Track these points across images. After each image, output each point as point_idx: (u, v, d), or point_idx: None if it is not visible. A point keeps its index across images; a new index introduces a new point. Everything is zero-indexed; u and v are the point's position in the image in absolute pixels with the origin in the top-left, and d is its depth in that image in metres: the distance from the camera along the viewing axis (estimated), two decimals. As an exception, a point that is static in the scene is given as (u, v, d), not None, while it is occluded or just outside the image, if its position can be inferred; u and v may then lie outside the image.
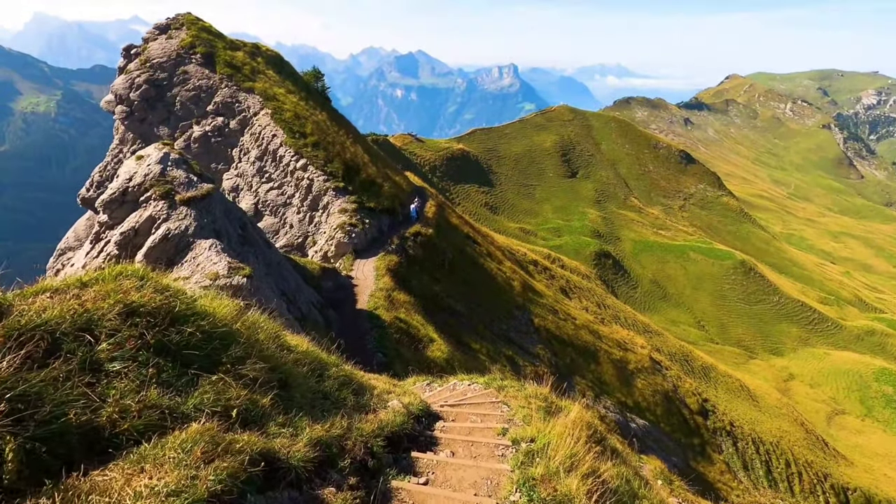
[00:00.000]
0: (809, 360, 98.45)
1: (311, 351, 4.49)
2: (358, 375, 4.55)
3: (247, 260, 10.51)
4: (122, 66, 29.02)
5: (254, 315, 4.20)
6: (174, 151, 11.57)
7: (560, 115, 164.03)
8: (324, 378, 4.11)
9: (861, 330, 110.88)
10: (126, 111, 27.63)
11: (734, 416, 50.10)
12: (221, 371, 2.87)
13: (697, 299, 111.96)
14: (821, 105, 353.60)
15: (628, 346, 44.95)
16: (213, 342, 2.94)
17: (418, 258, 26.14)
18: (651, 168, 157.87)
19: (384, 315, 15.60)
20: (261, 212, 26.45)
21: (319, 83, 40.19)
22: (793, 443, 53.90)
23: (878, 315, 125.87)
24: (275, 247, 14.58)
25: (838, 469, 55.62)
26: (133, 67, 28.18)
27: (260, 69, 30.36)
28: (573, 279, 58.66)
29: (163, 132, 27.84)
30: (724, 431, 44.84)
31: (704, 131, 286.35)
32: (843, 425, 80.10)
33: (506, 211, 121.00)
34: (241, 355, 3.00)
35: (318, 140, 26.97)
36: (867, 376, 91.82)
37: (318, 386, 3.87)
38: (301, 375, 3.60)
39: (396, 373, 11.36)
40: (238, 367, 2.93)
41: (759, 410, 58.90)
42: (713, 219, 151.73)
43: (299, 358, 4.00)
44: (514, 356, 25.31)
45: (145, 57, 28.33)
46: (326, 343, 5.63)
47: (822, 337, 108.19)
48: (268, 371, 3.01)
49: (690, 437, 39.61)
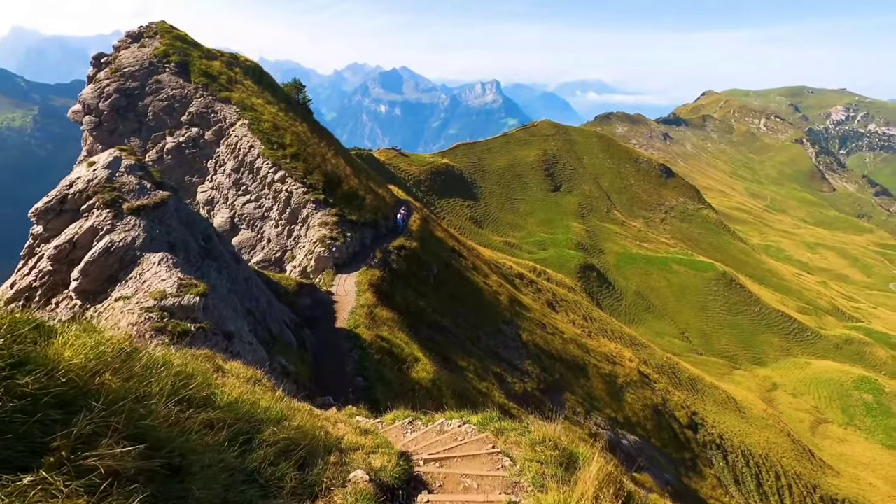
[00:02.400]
0: (791, 370, 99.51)
1: (237, 403, 3.27)
2: (310, 431, 3.42)
3: (207, 276, 9.49)
4: (91, 76, 27.85)
5: (156, 354, 3.05)
6: (129, 157, 10.51)
7: (543, 129, 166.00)
8: (253, 446, 2.94)
9: (840, 339, 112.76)
10: (94, 122, 26.40)
11: (723, 428, 49.72)
12: (48, 464, 1.79)
13: (681, 311, 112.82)
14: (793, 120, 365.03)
15: (616, 359, 44.40)
16: (41, 411, 1.81)
17: (402, 272, 25.22)
18: (632, 181, 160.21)
19: (365, 334, 14.58)
20: (237, 226, 25.33)
21: (300, 95, 39.36)
22: (781, 454, 53.69)
23: (855, 324, 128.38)
24: (244, 262, 13.55)
25: (826, 480, 55.54)
26: (103, 76, 27.04)
27: (237, 79, 29.46)
28: (559, 292, 58.20)
29: (134, 143, 26.65)
30: (714, 445, 44.33)
31: (683, 146, 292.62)
32: (826, 434, 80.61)
33: (491, 225, 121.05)
34: (93, 430, 1.92)
35: (297, 151, 26.06)
36: (847, 385, 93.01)
37: (240, 462, 2.72)
38: (211, 450, 2.46)
39: (377, 398, 10.42)
40: (82, 453, 1.87)
41: (747, 422, 58.72)
42: (694, 231, 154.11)
43: (215, 419, 2.77)
44: (503, 373, 24.42)
45: (116, 66, 27.22)
46: (284, 377, 4.65)
47: (803, 346, 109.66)
48: (144, 453, 1.94)
49: (681, 451, 38.95)
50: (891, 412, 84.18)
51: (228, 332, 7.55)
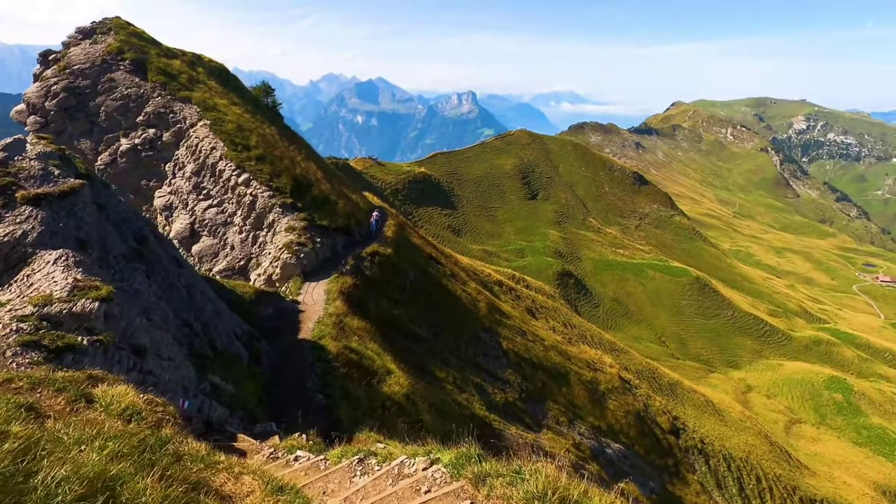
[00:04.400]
0: (764, 372, 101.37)
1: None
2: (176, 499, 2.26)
3: (130, 280, 8.10)
4: (37, 73, 25.90)
5: None
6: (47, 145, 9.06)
7: (519, 139, 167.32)
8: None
9: (809, 340, 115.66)
10: (40, 122, 24.46)
11: (704, 432, 49.56)
12: None
13: (657, 316, 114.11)
14: (758, 130, 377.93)
15: (597, 365, 43.82)
16: None
17: (376, 280, 23.95)
18: (607, 189, 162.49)
19: (331, 345, 13.21)
20: (198, 232, 23.68)
21: (270, 98, 37.94)
22: (760, 457, 53.83)
23: (822, 325, 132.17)
24: (189, 267, 12.10)
25: (804, 480, 55.91)
26: (50, 74, 25.16)
27: (200, 79, 27.90)
28: (539, 299, 57.57)
29: (84, 145, 24.82)
30: (696, 449, 44.01)
31: (654, 154, 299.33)
32: (800, 434, 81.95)
33: (469, 233, 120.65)
34: None
35: (263, 153, 24.63)
36: (818, 385, 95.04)
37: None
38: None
39: (339, 419, 9.18)
40: None
41: (726, 425, 58.87)
42: (667, 237, 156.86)
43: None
44: (483, 383, 23.30)
45: (65, 63, 25.39)
46: (212, 400, 3.37)
47: (775, 348, 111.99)
48: None
49: (664, 457, 38.40)
50: (860, 411, 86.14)
51: (139, 345, 6.30)
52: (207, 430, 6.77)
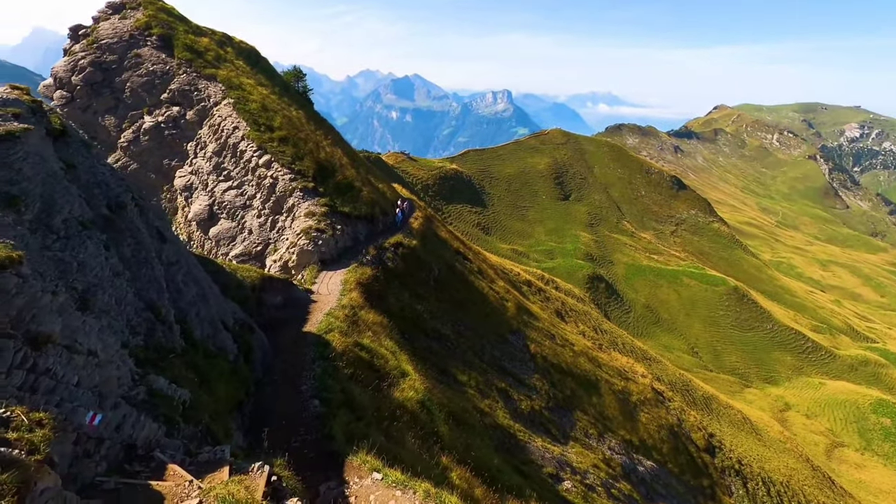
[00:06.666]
0: (805, 390, 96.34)
1: None
2: None
3: (76, 249, 6.76)
4: (66, 48, 25.56)
5: None
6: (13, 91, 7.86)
7: (553, 138, 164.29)
8: None
9: (855, 360, 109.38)
10: (66, 97, 24.05)
11: (741, 452, 46.46)
12: None
13: (690, 325, 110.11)
14: (806, 136, 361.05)
15: (629, 375, 41.43)
16: None
17: (399, 272, 22.53)
18: (643, 193, 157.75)
19: (337, 341, 11.63)
20: (216, 214, 22.78)
21: (300, 83, 37.10)
22: (802, 482, 50.25)
23: (870, 345, 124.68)
24: (176, 242, 10.70)
25: (849, 511, 52.03)
26: (78, 49, 24.74)
27: (227, 58, 27.08)
28: (568, 302, 55.30)
29: (109, 122, 24.30)
30: (733, 471, 41.09)
31: (694, 159, 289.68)
32: (843, 459, 77.11)
33: (498, 232, 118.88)
34: None
35: (287, 135, 23.53)
36: (864, 407, 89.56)
37: None
38: None
39: (333, 435, 7.63)
40: None
41: (765, 445, 55.32)
42: (704, 244, 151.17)
43: None
44: (508, 389, 21.60)
45: (94, 37, 24.92)
46: (144, 412, 2.04)
47: (817, 366, 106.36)
48: None
49: (699, 477, 35.81)
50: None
51: (41, 333, 4.86)
52: (127, 455, 5.36)
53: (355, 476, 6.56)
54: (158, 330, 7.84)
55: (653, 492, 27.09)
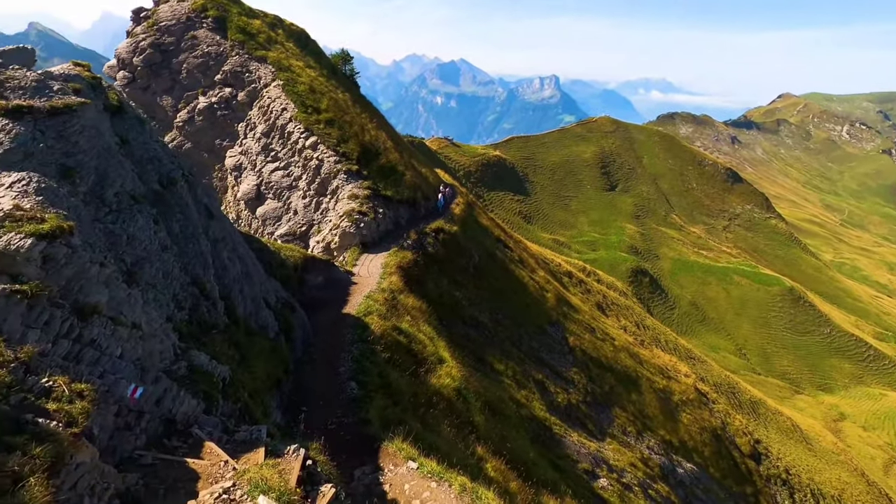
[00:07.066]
0: (863, 400, 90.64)
1: None
2: None
3: (127, 222, 6.88)
4: (129, 31, 26.66)
5: None
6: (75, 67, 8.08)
7: (601, 126, 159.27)
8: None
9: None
10: (128, 77, 25.15)
11: (789, 461, 44.23)
12: None
13: (739, 325, 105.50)
14: (881, 129, 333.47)
15: (671, 373, 40.06)
16: None
17: (439, 257, 22.43)
18: (695, 185, 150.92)
19: (376, 324, 11.66)
20: (263, 194, 23.37)
21: (347, 66, 37.34)
22: (856, 497, 47.41)
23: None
24: (224, 220, 10.87)
25: (907, 532, 48.81)
26: (139, 31, 25.75)
27: (278, 40, 27.49)
28: (610, 295, 53.87)
29: (166, 102, 25.25)
30: (780, 480, 39.22)
31: (752, 151, 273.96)
32: (902, 476, 72.23)
33: (540, 221, 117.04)
34: None
35: (333, 117, 23.73)
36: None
37: None
38: None
39: (368, 419, 7.58)
40: None
41: (815, 456, 52.46)
42: (759, 241, 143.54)
43: None
44: (545, 381, 21.24)
45: (154, 20, 25.87)
46: (184, 387, 1.90)
47: (878, 376, 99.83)
48: None
49: (742, 484, 34.38)
50: (983, 460, 74.28)
51: (88, 304, 4.97)
52: (166, 430, 5.44)
53: (390, 463, 6.56)
54: (203, 305, 8.03)
55: (691, 495, 26.20)
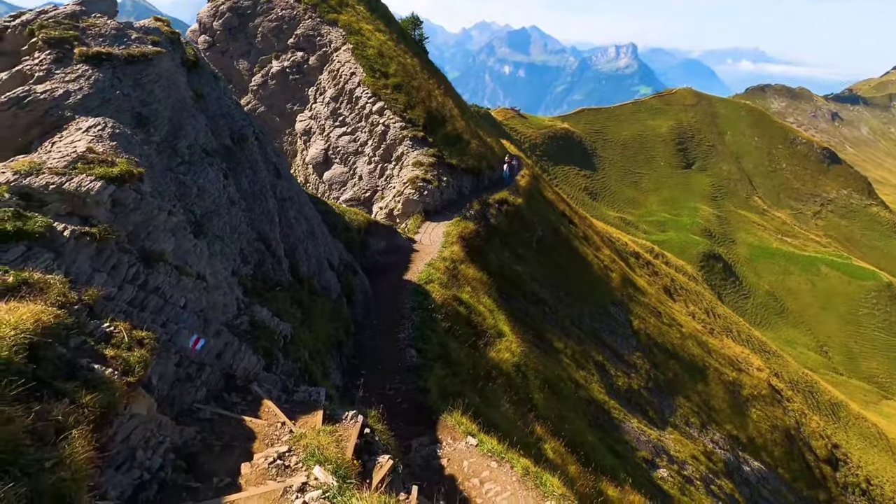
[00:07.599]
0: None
1: None
2: None
3: (198, 173, 6.94)
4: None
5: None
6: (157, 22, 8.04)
7: (681, 98, 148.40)
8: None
9: None
10: (208, 41, 26.05)
11: (871, 470, 40.70)
12: None
13: (823, 321, 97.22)
14: None
15: (742, 366, 37.61)
16: None
17: (501, 230, 21.90)
18: (784, 165, 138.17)
19: (437, 292, 11.45)
20: (330, 159, 23.69)
21: (417, 32, 36.74)
22: (946, 517, 43.02)
23: None
24: (291, 179, 10.92)
25: None
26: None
27: (349, 3, 27.34)
28: (679, 279, 51.01)
29: (242, 66, 25.97)
30: (859, 489, 36.22)
31: (856, 129, 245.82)
32: None
33: (606, 198, 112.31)
34: None
35: (400, 82, 23.43)
36: None
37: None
38: None
39: (427, 388, 7.41)
40: None
41: (902, 468, 47.89)
42: (855, 231, 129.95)
43: None
44: (605, 363, 20.45)
45: (232, -17, 26.47)
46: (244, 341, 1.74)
47: None
48: None
49: (815, 489, 32.06)
50: None
51: (154, 251, 4.95)
52: (226, 385, 5.46)
53: (449, 437, 6.37)
54: (268, 261, 8.13)
55: (757, 495, 24.72)
